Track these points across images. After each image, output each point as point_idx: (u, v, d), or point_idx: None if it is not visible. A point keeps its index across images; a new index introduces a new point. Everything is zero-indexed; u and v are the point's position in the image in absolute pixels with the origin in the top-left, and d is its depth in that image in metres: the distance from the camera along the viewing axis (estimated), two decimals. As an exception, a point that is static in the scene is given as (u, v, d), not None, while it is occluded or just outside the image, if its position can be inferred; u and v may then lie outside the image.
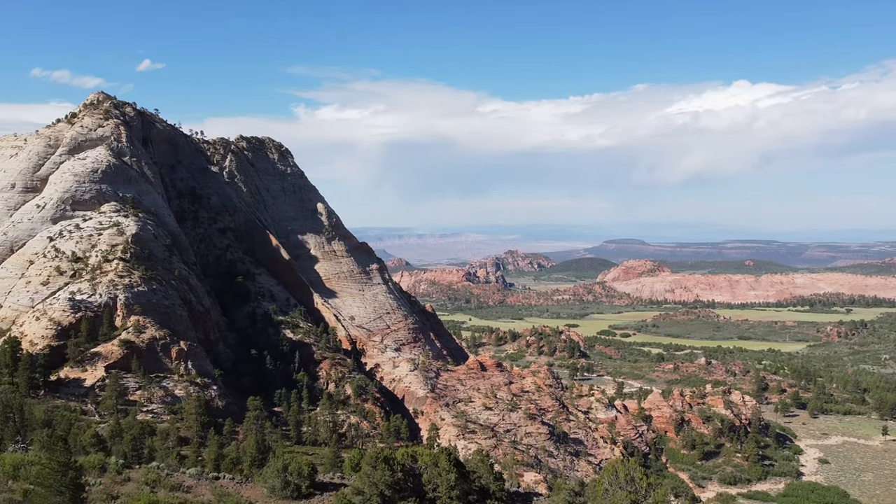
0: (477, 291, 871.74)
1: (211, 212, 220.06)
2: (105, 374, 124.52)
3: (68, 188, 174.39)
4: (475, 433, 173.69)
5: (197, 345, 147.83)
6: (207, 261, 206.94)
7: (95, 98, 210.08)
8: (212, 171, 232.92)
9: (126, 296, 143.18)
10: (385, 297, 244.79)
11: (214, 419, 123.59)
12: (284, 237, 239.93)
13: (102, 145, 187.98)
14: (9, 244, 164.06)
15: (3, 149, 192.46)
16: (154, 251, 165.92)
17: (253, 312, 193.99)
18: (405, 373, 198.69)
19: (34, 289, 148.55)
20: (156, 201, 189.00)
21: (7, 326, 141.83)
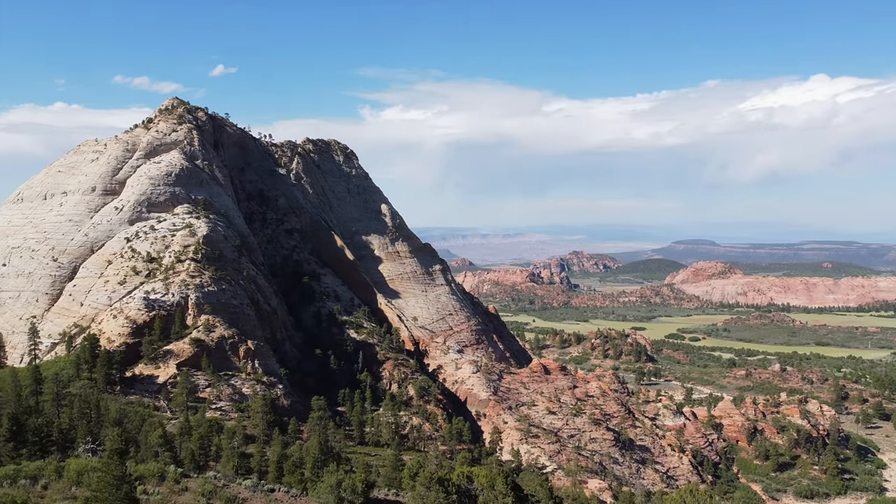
0: (541, 292, 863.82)
1: (278, 213, 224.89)
2: (176, 372, 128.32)
3: (144, 191, 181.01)
4: (538, 438, 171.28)
5: (264, 344, 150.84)
6: (275, 261, 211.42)
7: (170, 104, 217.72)
8: (279, 173, 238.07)
9: (197, 295, 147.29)
10: (448, 299, 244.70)
11: (280, 418, 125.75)
12: (349, 238, 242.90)
13: (176, 149, 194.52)
14: (89, 245, 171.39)
15: (85, 153, 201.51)
16: (224, 252, 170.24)
17: (318, 312, 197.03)
18: (468, 375, 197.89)
19: (112, 288, 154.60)
20: (226, 203, 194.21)
21: (87, 324, 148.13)
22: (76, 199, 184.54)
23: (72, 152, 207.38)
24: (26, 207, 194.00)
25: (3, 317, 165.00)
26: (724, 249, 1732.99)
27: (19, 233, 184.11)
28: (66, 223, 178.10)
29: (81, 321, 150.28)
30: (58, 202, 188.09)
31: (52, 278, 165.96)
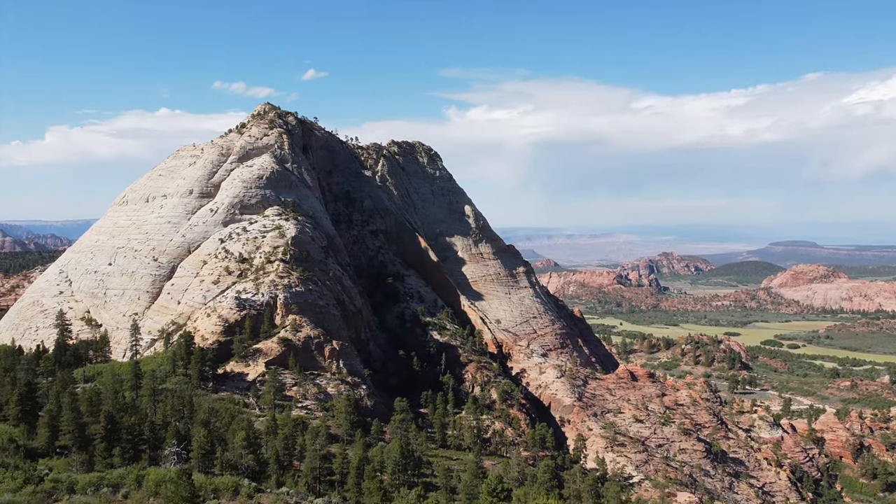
0: (628, 295, 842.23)
1: (364, 214, 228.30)
2: (265, 370, 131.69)
3: (237, 193, 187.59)
4: (624, 446, 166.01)
5: (349, 344, 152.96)
6: (360, 262, 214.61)
7: (262, 109, 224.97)
8: (365, 175, 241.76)
9: (285, 295, 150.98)
10: (532, 301, 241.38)
11: (363, 418, 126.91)
12: (433, 239, 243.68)
13: (267, 153, 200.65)
14: (186, 245, 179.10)
15: (184, 158, 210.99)
16: (311, 253, 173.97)
17: (402, 313, 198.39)
18: (552, 379, 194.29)
19: (206, 287, 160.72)
20: (314, 205, 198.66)
21: (183, 322, 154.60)
22: (175, 201, 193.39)
23: (171, 157, 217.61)
24: (130, 210, 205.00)
25: (109, 313, 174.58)
26: (826, 251, 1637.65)
27: (124, 234, 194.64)
28: (165, 225, 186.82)
29: (178, 319, 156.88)
30: (158, 205, 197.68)
31: (152, 277, 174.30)
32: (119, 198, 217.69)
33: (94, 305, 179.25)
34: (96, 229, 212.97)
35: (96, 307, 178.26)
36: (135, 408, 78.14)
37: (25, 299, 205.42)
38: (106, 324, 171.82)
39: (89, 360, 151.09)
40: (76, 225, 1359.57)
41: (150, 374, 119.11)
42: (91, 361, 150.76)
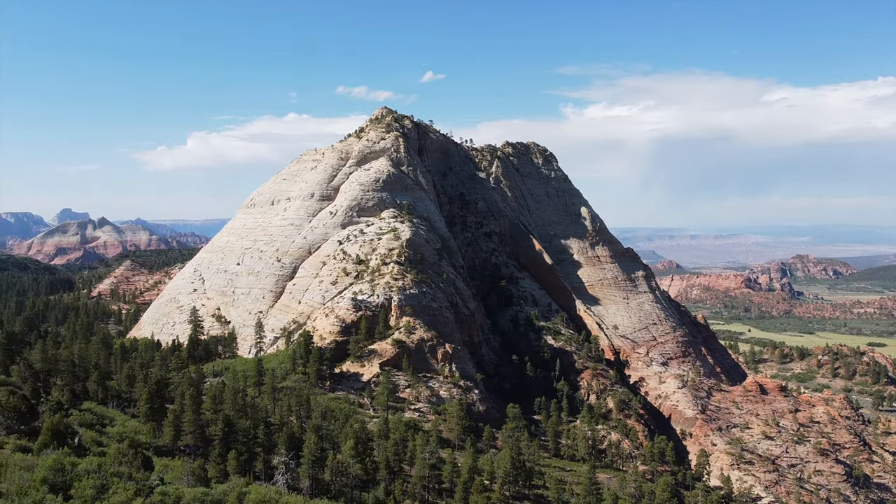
0: (758, 300, 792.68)
1: (478, 216, 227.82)
2: (379, 371, 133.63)
3: (355, 196, 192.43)
4: (752, 465, 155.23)
5: (461, 347, 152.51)
6: (473, 264, 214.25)
7: (379, 113, 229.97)
8: (479, 177, 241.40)
9: (399, 297, 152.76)
10: (651, 307, 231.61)
11: (475, 423, 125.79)
12: (547, 242, 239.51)
13: (384, 156, 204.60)
14: (307, 247, 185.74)
15: (306, 162, 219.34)
16: (426, 255, 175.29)
17: (515, 316, 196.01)
18: (672, 389, 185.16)
19: (325, 288, 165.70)
20: (428, 207, 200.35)
21: (303, 321, 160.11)
22: (297, 204, 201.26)
23: (295, 161, 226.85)
24: (257, 212, 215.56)
25: (237, 310, 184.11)
26: None
27: (251, 235, 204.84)
28: (288, 227, 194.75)
29: (299, 318, 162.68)
30: (282, 207, 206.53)
31: (276, 277, 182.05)
32: (247, 200, 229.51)
33: (223, 303, 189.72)
34: (227, 230, 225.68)
35: (226, 304, 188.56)
36: (254, 407, 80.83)
37: (164, 295, 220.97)
38: (234, 321, 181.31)
39: (218, 355, 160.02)
40: (213, 224, 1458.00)
41: (271, 371, 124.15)
42: (220, 356, 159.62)
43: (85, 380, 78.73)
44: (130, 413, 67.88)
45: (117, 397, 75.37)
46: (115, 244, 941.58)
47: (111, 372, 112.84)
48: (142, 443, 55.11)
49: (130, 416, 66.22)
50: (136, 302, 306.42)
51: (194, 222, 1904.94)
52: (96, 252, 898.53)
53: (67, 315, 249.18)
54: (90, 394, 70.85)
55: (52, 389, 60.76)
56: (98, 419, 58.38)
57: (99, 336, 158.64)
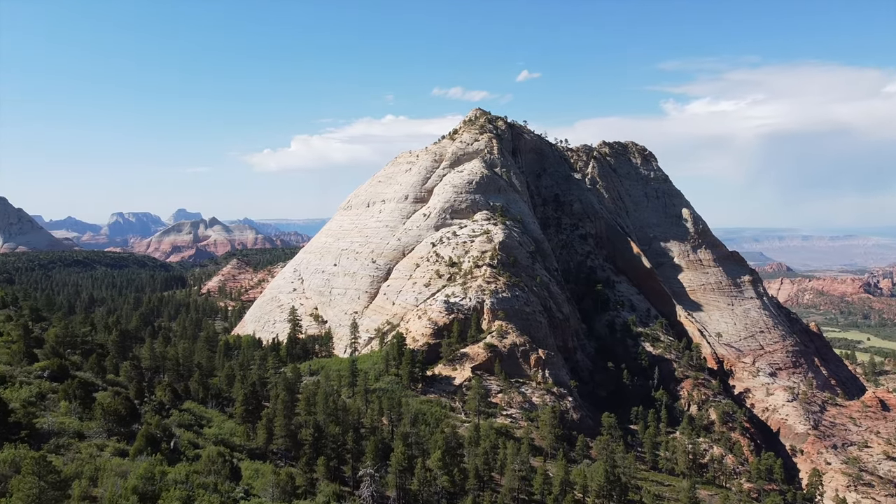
0: (878, 306, 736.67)
1: (573, 218, 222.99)
2: (471, 375, 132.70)
3: (448, 198, 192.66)
4: (872, 487, 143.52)
5: (555, 353, 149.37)
6: (568, 267, 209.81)
7: (473, 115, 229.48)
8: (574, 177, 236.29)
9: (492, 301, 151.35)
10: (758, 314, 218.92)
11: (568, 431, 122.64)
12: (646, 244, 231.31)
13: (477, 158, 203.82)
14: (401, 248, 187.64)
15: (400, 164, 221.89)
16: (518, 258, 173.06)
17: (612, 322, 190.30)
18: (781, 402, 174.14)
19: (418, 289, 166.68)
20: (522, 209, 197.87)
21: (397, 322, 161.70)
22: (392, 206, 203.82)
23: (390, 164, 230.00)
24: (353, 214, 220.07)
25: (333, 310, 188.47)
26: None
27: (347, 236, 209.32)
28: (383, 228, 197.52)
29: (392, 319, 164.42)
30: (377, 209, 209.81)
31: (370, 278, 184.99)
32: (344, 202, 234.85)
33: (321, 303, 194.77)
34: (324, 232, 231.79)
35: (323, 304, 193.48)
36: (346, 410, 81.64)
37: (266, 294, 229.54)
38: (330, 320, 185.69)
39: (316, 354, 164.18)
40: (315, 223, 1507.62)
41: (364, 373, 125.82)
42: (317, 355, 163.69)
43: (188, 378, 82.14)
44: (228, 413, 70.06)
45: (217, 396, 78.11)
46: (224, 242, 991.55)
47: (214, 368, 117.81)
48: (235, 445, 56.59)
49: (228, 416, 68.29)
50: (241, 299, 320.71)
51: (297, 221, 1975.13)
52: (207, 250, 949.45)
53: (179, 311, 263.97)
54: (191, 393, 73.79)
55: (155, 389, 63.50)
56: (196, 420, 60.48)
57: (205, 334, 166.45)
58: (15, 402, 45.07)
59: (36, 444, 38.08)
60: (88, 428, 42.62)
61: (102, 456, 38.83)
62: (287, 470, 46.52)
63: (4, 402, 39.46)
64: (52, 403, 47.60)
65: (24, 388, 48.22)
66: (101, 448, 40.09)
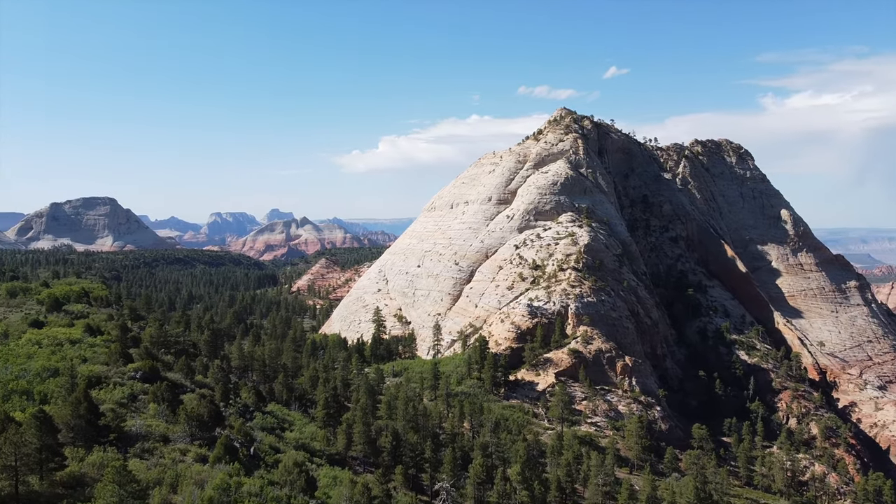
0: None
1: (663, 220, 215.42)
2: (555, 381, 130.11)
3: (532, 200, 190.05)
4: None
5: (642, 361, 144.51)
6: (657, 270, 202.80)
7: (558, 114, 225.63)
8: (664, 178, 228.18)
9: (576, 305, 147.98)
10: (866, 322, 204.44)
11: (656, 443, 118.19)
12: (741, 247, 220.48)
13: (562, 159, 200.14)
14: (484, 250, 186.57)
15: (484, 166, 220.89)
16: (604, 261, 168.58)
17: (703, 328, 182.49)
18: (892, 418, 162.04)
19: (501, 292, 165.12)
20: (608, 211, 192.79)
21: (479, 325, 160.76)
22: (475, 208, 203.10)
23: (473, 165, 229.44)
24: (437, 215, 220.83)
25: (416, 311, 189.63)
26: None
27: (431, 238, 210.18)
28: (466, 230, 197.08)
29: (475, 322, 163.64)
30: (461, 211, 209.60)
31: (453, 280, 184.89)
32: (428, 204, 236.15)
33: (404, 303, 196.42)
34: (408, 233, 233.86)
35: (406, 305, 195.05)
36: (426, 415, 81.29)
37: (352, 294, 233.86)
38: (414, 321, 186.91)
39: (399, 355, 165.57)
40: (401, 222, 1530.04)
41: (446, 376, 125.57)
42: (401, 356, 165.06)
43: (273, 379, 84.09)
44: (310, 416, 71.07)
45: (300, 398, 79.54)
46: (314, 241, 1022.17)
47: (301, 367, 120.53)
48: (315, 450, 57.10)
49: (310, 419, 69.23)
50: (329, 298, 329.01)
51: (384, 221, 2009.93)
52: (298, 249, 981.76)
53: (270, 309, 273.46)
54: (275, 395, 75.46)
55: (241, 390, 65.14)
56: (279, 423, 61.55)
57: (293, 333, 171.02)
58: (108, 404, 47.02)
59: (123, 448, 39.49)
60: (173, 432, 43.90)
61: (185, 461, 39.79)
62: (364, 478, 46.37)
63: (96, 405, 41.09)
64: (143, 405, 49.43)
65: (117, 390, 50.34)
66: (184, 453, 41.13)
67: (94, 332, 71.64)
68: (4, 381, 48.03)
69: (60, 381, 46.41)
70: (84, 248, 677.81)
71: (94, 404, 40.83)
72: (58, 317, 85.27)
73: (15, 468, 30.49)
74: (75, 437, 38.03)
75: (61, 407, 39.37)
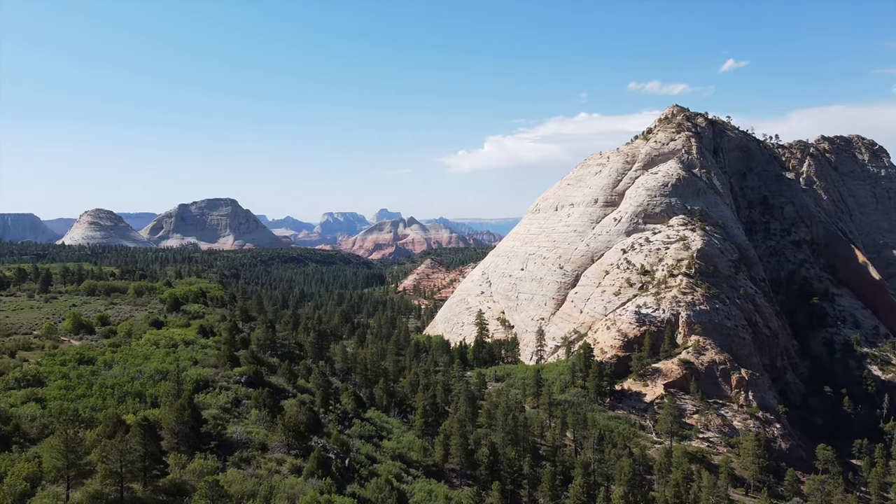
0: None
1: (784, 223, 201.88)
2: (663, 392, 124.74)
3: (641, 202, 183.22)
4: None
5: (760, 374, 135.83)
6: (777, 277, 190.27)
7: (669, 112, 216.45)
8: (786, 177, 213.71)
9: (688, 313, 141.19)
10: None
11: (775, 462, 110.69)
12: (873, 252, 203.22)
13: (673, 158, 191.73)
14: (590, 254, 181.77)
15: (590, 167, 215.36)
16: (719, 267, 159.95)
17: (830, 340, 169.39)
18: None
19: (607, 298, 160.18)
20: (723, 213, 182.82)
21: (584, 331, 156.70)
22: (580, 210, 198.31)
23: (579, 166, 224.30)
24: (541, 218, 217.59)
25: (520, 315, 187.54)
26: None
27: (534, 241, 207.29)
28: (571, 233, 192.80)
29: (580, 328, 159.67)
30: (566, 213, 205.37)
31: (557, 284, 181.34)
32: (532, 206, 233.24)
33: (507, 307, 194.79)
34: (512, 235, 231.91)
35: (509, 309, 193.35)
36: (526, 426, 79.51)
37: (456, 295, 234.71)
38: (517, 325, 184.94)
39: (502, 359, 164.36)
40: (506, 222, 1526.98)
41: (549, 383, 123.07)
42: (503, 360, 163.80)
43: (374, 384, 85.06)
44: (409, 423, 71.13)
45: (400, 403, 79.94)
46: (420, 241, 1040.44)
47: (404, 369, 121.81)
48: (412, 461, 56.84)
49: (408, 426, 69.27)
50: (434, 298, 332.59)
51: (489, 221, 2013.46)
52: (405, 248, 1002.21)
53: (377, 308, 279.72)
54: (375, 400, 76.14)
55: (341, 395, 66.02)
56: (377, 431, 61.86)
57: (397, 333, 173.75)
58: (213, 409, 48.78)
59: (223, 455, 40.60)
60: (271, 440, 44.82)
61: (280, 471, 40.39)
62: (459, 493, 45.49)
63: (199, 412, 42.56)
64: (245, 410, 50.94)
65: (222, 394, 52.21)
66: (280, 463, 41.83)
67: (206, 334, 75.17)
68: (121, 383, 50.89)
69: (168, 385, 48.61)
70: (208, 246, 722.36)
71: (197, 411, 42.30)
72: (176, 317, 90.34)
73: (120, 474, 31.82)
74: (179, 443, 39.48)
75: (167, 412, 40.98)
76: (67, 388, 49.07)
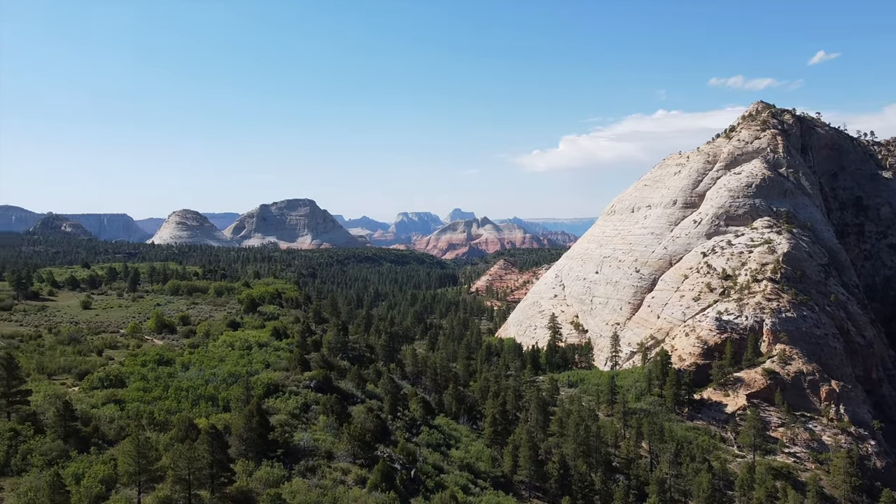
0: None
1: (880, 225, 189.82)
2: (746, 403, 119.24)
3: (722, 203, 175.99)
4: None
5: (852, 386, 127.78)
6: (873, 282, 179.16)
7: (753, 109, 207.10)
8: (883, 177, 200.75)
9: (773, 321, 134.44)
10: None
11: (869, 481, 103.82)
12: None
13: (758, 158, 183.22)
14: (668, 257, 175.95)
15: (668, 167, 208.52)
16: (807, 271, 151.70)
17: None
18: None
19: (686, 303, 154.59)
20: (812, 215, 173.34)
21: (661, 337, 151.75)
22: (658, 212, 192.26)
23: (657, 167, 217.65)
24: (617, 220, 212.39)
25: (594, 320, 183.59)
26: None
27: (610, 243, 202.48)
28: (648, 236, 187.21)
29: (657, 333, 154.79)
30: (643, 215, 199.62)
31: (633, 288, 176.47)
32: (608, 207, 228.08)
33: (581, 311, 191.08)
34: (587, 237, 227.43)
35: (583, 313, 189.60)
36: (598, 437, 77.22)
37: (529, 298, 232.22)
38: (591, 330, 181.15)
39: (575, 364, 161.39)
40: (581, 222, 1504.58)
41: (624, 391, 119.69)
42: (577, 365, 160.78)
43: (444, 389, 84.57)
44: (478, 430, 70.22)
45: (470, 409, 79.12)
46: (494, 241, 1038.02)
47: (475, 372, 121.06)
48: (479, 472, 55.90)
49: (477, 434, 68.36)
50: (507, 300, 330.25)
51: (564, 221, 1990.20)
52: (479, 248, 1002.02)
53: (449, 309, 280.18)
54: (444, 406, 75.57)
55: (409, 402, 65.81)
56: (445, 439, 61.23)
57: (468, 335, 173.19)
58: (282, 414, 49.32)
59: (289, 464, 40.84)
60: (338, 448, 44.84)
61: (345, 481, 40.27)
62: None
63: (267, 418, 43.01)
64: (314, 416, 51.27)
65: (291, 399, 52.77)
66: (346, 472, 41.74)
67: (280, 336, 76.58)
68: (195, 386, 52.19)
69: (239, 390, 49.49)
70: (287, 245, 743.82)
71: (265, 417, 42.75)
72: (252, 317, 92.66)
73: (188, 481, 32.32)
74: (246, 450, 39.95)
75: (236, 418, 41.57)
76: (145, 390, 50.77)
